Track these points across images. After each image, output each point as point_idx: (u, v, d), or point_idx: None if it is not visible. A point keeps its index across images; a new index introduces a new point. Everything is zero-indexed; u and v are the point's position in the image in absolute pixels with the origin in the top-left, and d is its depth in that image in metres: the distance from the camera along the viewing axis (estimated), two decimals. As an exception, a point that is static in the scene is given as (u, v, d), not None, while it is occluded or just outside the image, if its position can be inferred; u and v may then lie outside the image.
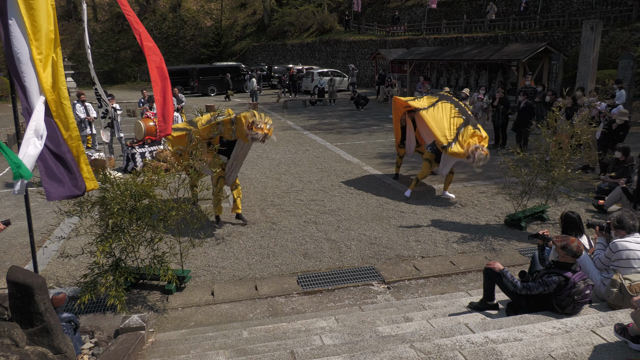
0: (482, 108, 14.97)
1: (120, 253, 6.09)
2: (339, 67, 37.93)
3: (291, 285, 6.68)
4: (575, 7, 25.24)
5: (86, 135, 14.30)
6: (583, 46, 17.78)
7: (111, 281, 5.73)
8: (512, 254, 7.48)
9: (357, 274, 6.96)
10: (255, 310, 6.11)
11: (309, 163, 13.46)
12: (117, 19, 52.72)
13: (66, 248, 7.81)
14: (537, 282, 4.77)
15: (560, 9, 25.83)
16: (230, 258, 7.51)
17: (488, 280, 5.29)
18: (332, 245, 7.89)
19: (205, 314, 6.06)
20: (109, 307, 6.01)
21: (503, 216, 8.92)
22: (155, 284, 6.73)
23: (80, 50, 47.46)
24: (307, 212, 9.42)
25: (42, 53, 4.98)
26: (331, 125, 20.00)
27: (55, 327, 4.05)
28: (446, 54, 25.42)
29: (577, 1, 25.31)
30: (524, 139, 13.18)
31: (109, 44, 50.86)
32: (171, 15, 55.61)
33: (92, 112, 14.19)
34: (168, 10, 56.17)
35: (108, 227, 5.73)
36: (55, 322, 4.08)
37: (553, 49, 20.90)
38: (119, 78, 47.62)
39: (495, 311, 5.29)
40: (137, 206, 5.94)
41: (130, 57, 50.39)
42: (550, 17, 25.16)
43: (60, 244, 7.97)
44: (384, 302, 6.25)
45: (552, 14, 25.81)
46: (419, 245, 7.84)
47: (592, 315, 4.54)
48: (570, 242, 4.68)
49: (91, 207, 5.85)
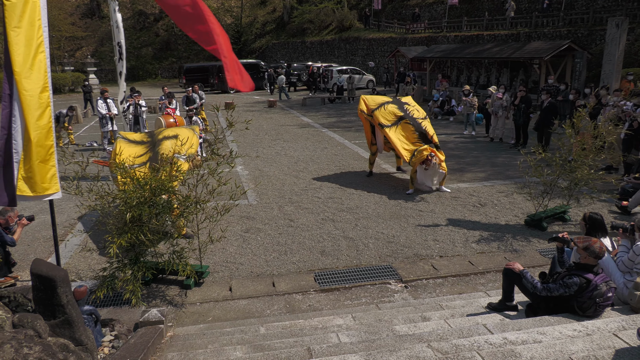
0: (502, 106, 14.78)
1: (139, 247, 6.16)
2: (358, 65, 37.80)
3: (308, 282, 6.69)
4: (600, 3, 24.76)
5: (107, 131, 14.51)
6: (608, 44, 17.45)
7: (129, 275, 5.80)
8: (533, 255, 7.38)
9: (375, 272, 6.95)
10: (272, 307, 6.14)
11: (327, 160, 13.45)
12: (138, 16, 53.31)
13: (87, 242, 7.94)
14: (557, 284, 4.70)
15: (585, 6, 25.35)
16: (248, 254, 7.55)
17: (507, 281, 5.23)
18: (350, 243, 7.88)
19: (223, 309, 6.11)
20: (126, 301, 6.08)
21: (523, 216, 8.81)
22: (174, 279, 6.80)
23: (102, 47, 48.11)
24: (325, 209, 9.42)
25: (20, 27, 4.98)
26: (350, 123, 19.95)
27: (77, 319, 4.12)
28: (467, 52, 25.15)
29: (602, -2, 24.84)
30: (546, 139, 12.99)
31: (131, 41, 51.41)
32: (192, 13, 55.96)
33: (114, 109, 14.38)
34: (189, 8, 56.48)
35: (127, 221, 5.80)
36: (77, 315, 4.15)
37: (577, 47, 20.52)
38: (140, 75, 48.16)
39: (514, 312, 5.23)
40: (156, 201, 6.00)
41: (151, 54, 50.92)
42: (574, 14, 24.71)
43: (82, 237, 8.11)
44: (402, 301, 6.22)
45: (576, 10, 25.35)
46: (437, 245, 7.79)
47: (614, 319, 4.46)
48: (593, 243, 4.61)
49: (112, 201, 5.93)
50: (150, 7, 55.21)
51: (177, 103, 16.15)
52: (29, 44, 5.03)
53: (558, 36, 23.74)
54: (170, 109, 14.00)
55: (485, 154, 13.87)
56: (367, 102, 10.91)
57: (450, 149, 14.65)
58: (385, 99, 11.10)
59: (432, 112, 20.95)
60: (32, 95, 5.10)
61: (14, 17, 4.89)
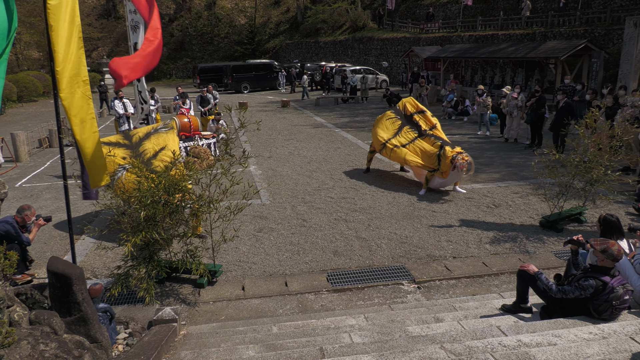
0: (517, 107, 14.65)
1: (153, 245, 6.21)
2: (371, 65, 37.72)
3: (321, 282, 6.69)
4: (618, 2, 24.40)
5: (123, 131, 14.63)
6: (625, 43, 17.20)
7: (143, 274, 5.85)
8: (547, 257, 7.31)
9: (387, 272, 6.93)
10: (285, 306, 6.15)
11: (340, 161, 13.44)
12: (153, 16, 53.67)
13: (103, 241, 8.02)
14: (573, 286, 4.65)
15: (602, 5, 25.02)
16: (261, 254, 7.57)
17: (522, 283, 5.18)
18: (363, 244, 7.87)
19: (235, 308, 6.13)
20: (140, 299, 6.13)
21: (538, 217, 8.72)
22: (188, 277, 6.85)
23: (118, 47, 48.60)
24: (337, 209, 9.42)
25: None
26: (363, 123, 19.92)
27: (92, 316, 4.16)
28: (481, 52, 24.97)
29: (620, -3, 24.48)
30: (562, 140, 12.84)
31: (145, 41, 51.81)
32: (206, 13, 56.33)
33: (130, 108, 14.50)
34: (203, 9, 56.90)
35: (141, 220, 5.85)
36: (92, 312, 4.20)
37: (593, 47, 20.26)
38: (155, 75, 48.56)
39: (528, 314, 5.19)
40: (170, 200, 6.04)
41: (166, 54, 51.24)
42: (591, 13, 24.39)
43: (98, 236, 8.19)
44: (414, 302, 6.19)
45: (592, 10, 25.02)
46: (450, 246, 7.74)
47: (631, 322, 4.40)
48: (611, 245, 4.55)
49: (127, 199, 5.99)
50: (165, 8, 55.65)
51: (191, 103, 16.23)
52: (69, 42, 5.15)
53: (574, 35, 23.46)
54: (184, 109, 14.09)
55: (500, 154, 13.76)
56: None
57: (464, 149, 14.51)
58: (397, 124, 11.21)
59: (445, 113, 20.84)
60: (72, 91, 5.24)
61: (57, 18, 5.01)
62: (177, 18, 55.66)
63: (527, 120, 14.11)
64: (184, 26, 54.68)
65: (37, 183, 11.74)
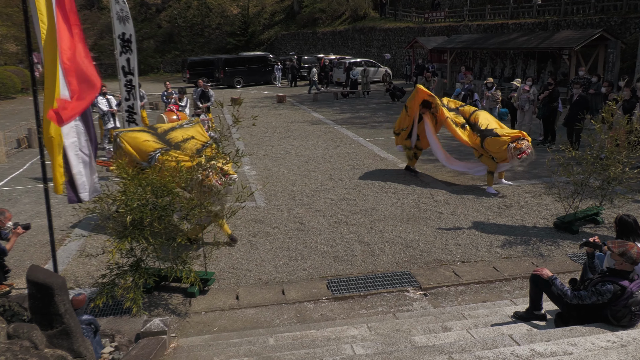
0: (528, 100, 14.67)
1: (141, 253, 6.20)
2: (373, 57, 37.76)
3: (320, 290, 6.69)
4: (635, -11, 24.46)
5: (109, 129, 14.61)
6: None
7: (130, 282, 5.84)
8: (562, 260, 7.32)
9: (392, 279, 6.93)
10: (282, 316, 6.15)
11: (340, 160, 13.45)
12: (140, 7, 53.72)
13: (86, 247, 8.02)
14: (589, 291, 4.66)
15: (618, -8, 25.08)
16: (256, 260, 7.57)
17: (535, 288, 5.19)
18: (365, 248, 7.87)
19: (229, 318, 6.13)
20: (126, 310, 6.12)
21: (552, 218, 8.73)
22: (178, 286, 6.84)
23: (102, 40, 48.58)
24: (337, 212, 9.42)
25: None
26: (364, 119, 19.94)
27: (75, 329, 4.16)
28: (490, 42, 25.01)
29: (638, -18, 24.53)
30: (576, 135, 12.87)
31: (131, 34, 51.87)
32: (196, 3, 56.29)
33: (115, 105, 14.48)
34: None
35: (127, 224, 5.85)
36: (75, 325, 4.19)
37: (609, 36, 20.30)
38: (142, 69, 48.47)
39: (542, 322, 5.19)
40: (158, 203, 6.04)
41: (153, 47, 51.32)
42: (607, 1, 24.44)
43: (81, 242, 8.19)
44: (421, 310, 6.20)
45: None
46: (459, 249, 7.75)
47: (652, 329, 4.41)
48: (630, 248, 4.55)
49: (112, 203, 5.98)
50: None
51: (188, 101, 16.05)
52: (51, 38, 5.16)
53: (589, 25, 23.50)
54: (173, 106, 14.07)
55: (511, 151, 13.75)
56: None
57: (472, 146, 14.56)
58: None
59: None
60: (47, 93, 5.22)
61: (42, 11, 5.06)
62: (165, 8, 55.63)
63: (540, 115, 14.13)
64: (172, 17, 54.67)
65: (16, 186, 11.73)
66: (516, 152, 9.51)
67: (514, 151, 9.52)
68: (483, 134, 10.08)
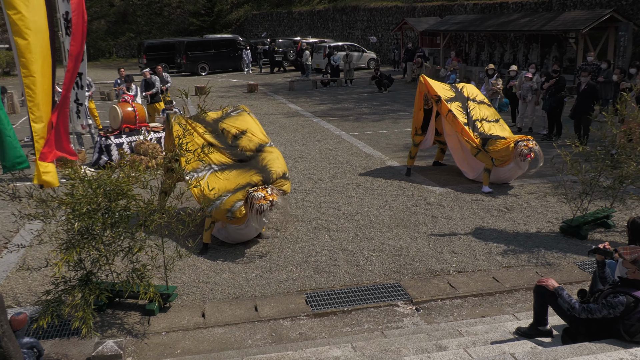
0: (531, 89, 14.84)
1: (91, 265, 6.13)
2: (356, 40, 37.88)
3: (298, 305, 6.68)
4: (648, -35, 24.93)
5: None
6: (658, 13, 17.60)
7: (79, 299, 5.76)
8: (570, 269, 7.41)
9: (379, 292, 6.95)
10: (254, 336, 6.12)
11: (320, 157, 13.46)
12: (89, -18, 53.07)
13: (27, 259, 7.89)
14: (600, 304, 4.72)
15: (630, -32, 25.53)
16: (225, 272, 7.53)
17: (540, 301, 5.24)
18: (349, 257, 7.88)
19: (194, 339, 6.09)
20: (75, 331, 6.04)
21: (558, 222, 8.85)
22: (134, 302, 6.77)
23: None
24: (317, 216, 9.42)
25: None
26: (347, 111, 19.98)
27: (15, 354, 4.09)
28: (488, 24, 25.27)
29: (651, -42, 25.01)
30: (585, 128, 13.05)
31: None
32: (154, -22, 55.86)
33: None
34: (150, -28, 56.44)
35: (75, 232, 5.77)
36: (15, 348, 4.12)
37: (620, 17, 20.66)
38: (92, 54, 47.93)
39: (548, 338, 5.25)
40: (111, 207, 5.97)
41: (104, 28, 50.77)
42: (617, -22, 24.86)
43: (21, 254, 8.05)
44: (412, 327, 6.23)
45: (619, -26, 25.52)
46: (454, 258, 7.80)
47: (669, 345, 4.48)
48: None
49: (57, 208, 5.89)
50: (103, -28, 55.01)
51: (138, 89, 16.01)
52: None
53: (598, 4, 23.89)
54: (128, 96, 13.94)
55: (512, 147, 13.92)
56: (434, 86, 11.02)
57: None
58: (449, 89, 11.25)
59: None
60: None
61: None
62: (118, -16, 55.06)
63: (545, 106, 14.28)
64: (126, -7, 54.11)
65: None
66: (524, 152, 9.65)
67: (521, 149, 9.67)
68: (484, 136, 10.27)
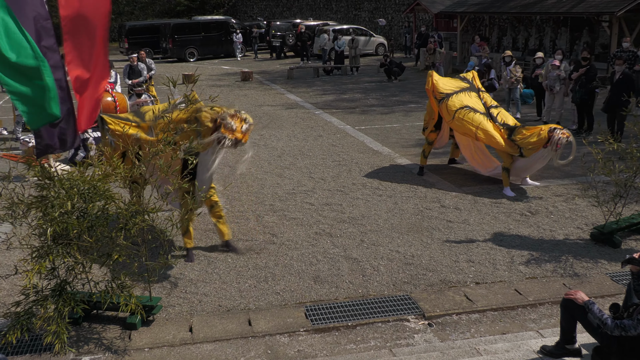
0: (558, 79, 14.85)
1: (66, 274, 6.14)
2: (363, 23, 37.89)
3: (297, 319, 6.70)
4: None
5: None
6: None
7: (52, 312, 5.78)
8: (601, 281, 7.43)
9: (387, 305, 6.96)
10: (248, 353, 6.14)
11: (322, 153, 13.48)
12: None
13: (-6, 266, 7.92)
14: (635, 320, 4.73)
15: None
16: (215, 282, 7.55)
17: (567, 316, 5.26)
18: (354, 266, 7.90)
19: (180, 357, 6.10)
20: (47, 347, 6.06)
21: (588, 228, 8.86)
22: (114, 315, 6.79)
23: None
24: (319, 220, 9.44)
25: None
26: (353, 102, 20.00)
27: (-19, 371, 4.11)
28: (511, 5, 25.26)
29: None
30: (619, 123, 13.06)
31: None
32: (136, -47, 55.85)
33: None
34: (132, -54, 56.42)
35: (47, 239, 5.79)
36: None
37: (661, -2, 20.65)
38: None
39: (576, 359, 5.27)
40: (88, 210, 5.98)
41: (80, 8, 50.63)
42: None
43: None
44: (424, 344, 6.24)
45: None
46: (472, 267, 7.82)
47: None
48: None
49: (27, 211, 5.92)
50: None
51: (118, 76, 16.06)
52: None
53: (635, -17, 23.86)
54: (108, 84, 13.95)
55: (537, 143, 13.93)
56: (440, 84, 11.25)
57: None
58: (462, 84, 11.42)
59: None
60: None
61: None
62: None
63: (575, 99, 14.28)
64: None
65: None
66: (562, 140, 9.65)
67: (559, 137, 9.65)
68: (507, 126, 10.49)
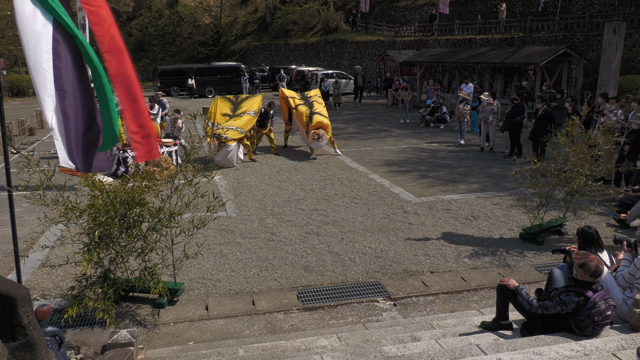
0: (492, 112, 15.01)
1: (109, 264, 6.09)
2: (344, 69, 38.03)
3: (291, 300, 6.66)
4: (597, 8, 25.27)
5: None
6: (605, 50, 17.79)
7: (100, 294, 5.74)
8: (528, 270, 7.45)
9: (362, 289, 6.94)
10: (252, 327, 6.09)
11: (311, 170, 13.47)
12: (110, 15, 53.14)
13: (51, 257, 7.82)
14: (554, 301, 4.74)
15: (581, 10, 25.85)
16: (227, 270, 7.50)
17: (501, 298, 5.26)
18: (335, 258, 7.87)
19: (198, 329, 6.05)
20: (97, 322, 6.00)
21: (518, 230, 8.89)
22: (146, 297, 6.72)
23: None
24: (308, 222, 9.41)
25: None
26: (335, 130, 20.01)
27: (39, 341, 4.04)
28: (459, 57, 25.47)
29: (599, 2, 25.34)
30: (541, 148, 13.17)
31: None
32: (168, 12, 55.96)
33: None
34: (164, 7, 56.52)
35: (95, 238, 5.75)
36: (39, 337, 4.07)
37: (573, 53, 20.90)
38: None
39: (509, 331, 5.26)
40: (127, 214, 5.95)
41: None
42: (570, 19, 25.17)
43: (45, 252, 7.98)
44: (390, 320, 6.22)
45: (572, 15, 25.83)
46: (427, 260, 7.82)
47: (613, 338, 4.51)
48: (589, 260, 4.65)
49: (79, 215, 5.86)
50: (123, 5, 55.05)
51: (160, 109, 15.78)
52: None
53: (553, 41, 24.16)
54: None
55: (479, 164, 14.00)
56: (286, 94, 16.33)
57: (441, 158, 14.77)
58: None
59: (422, 120, 21.12)
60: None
61: None
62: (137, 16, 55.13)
63: (503, 128, 14.48)
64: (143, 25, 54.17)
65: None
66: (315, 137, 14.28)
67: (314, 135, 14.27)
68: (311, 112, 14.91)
